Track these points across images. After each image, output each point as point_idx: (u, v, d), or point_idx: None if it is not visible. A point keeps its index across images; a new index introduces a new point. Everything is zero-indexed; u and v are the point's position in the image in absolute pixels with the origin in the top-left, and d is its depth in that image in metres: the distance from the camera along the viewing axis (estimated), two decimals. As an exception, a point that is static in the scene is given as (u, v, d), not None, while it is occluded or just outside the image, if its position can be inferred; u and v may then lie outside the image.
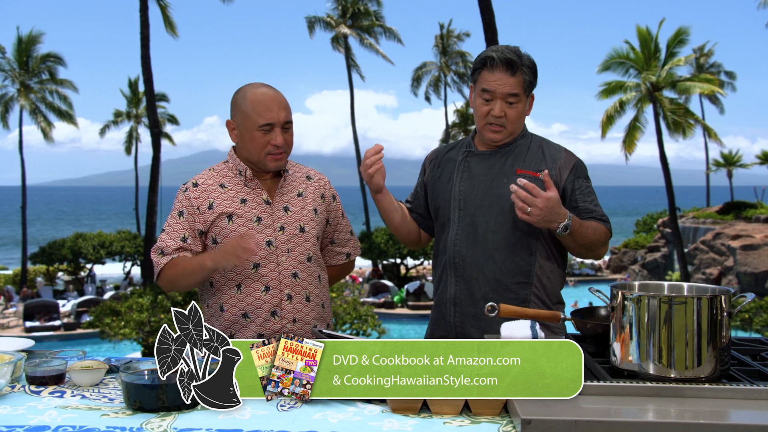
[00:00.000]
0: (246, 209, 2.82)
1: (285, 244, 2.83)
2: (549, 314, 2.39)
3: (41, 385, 2.19)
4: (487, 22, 15.55)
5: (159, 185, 22.67)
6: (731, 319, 1.95)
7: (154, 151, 22.72)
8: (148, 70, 22.60)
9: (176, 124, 48.02)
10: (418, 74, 47.44)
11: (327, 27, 41.03)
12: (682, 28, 28.71)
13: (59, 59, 36.90)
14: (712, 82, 30.62)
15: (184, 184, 2.91)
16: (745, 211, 39.14)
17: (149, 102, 23.24)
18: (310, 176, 3.01)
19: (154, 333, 16.70)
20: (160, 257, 2.81)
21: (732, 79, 53.28)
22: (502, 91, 2.83)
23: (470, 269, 2.91)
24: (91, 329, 21.49)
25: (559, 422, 1.69)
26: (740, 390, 1.84)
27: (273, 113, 2.75)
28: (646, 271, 37.71)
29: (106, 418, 1.89)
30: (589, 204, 2.88)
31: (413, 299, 30.03)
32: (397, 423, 1.85)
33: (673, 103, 28.21)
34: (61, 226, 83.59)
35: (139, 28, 22.66)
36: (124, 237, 35.49)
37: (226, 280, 2.83)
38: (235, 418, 1.88)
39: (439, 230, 3.06)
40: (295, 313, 2.84)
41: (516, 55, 2.84)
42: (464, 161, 3.02)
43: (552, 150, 2.96)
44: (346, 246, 3.16)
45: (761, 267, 33.69)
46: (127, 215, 70.55)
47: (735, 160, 56.17)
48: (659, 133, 27.94)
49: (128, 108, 47.10)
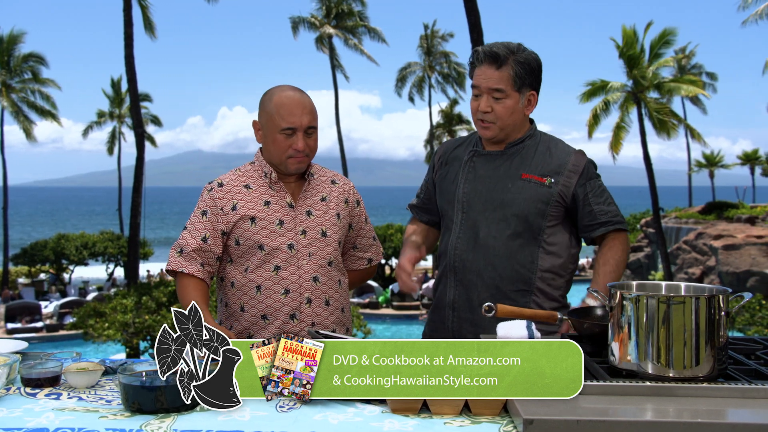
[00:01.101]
0: (269, 212, 2.84)
1: (306, 247, 2.84)
2: (546, 314, 2.40)
3: (36, 387, 2.16)
4: (473, 23, 15.60)
5: (143, 186, 22.54)
6: (728, 319, 1.96)
7: (138, 151, 22.59)
8: (132, 70, 22.45)
9: (159, 125, 47.84)
10: (402, 74, 47.48)
11: (311, 27, 40.98)
12: (667, 29, 28.86)
13: (41, 59, 36.63)
14: (696, 84, 30.85)
15: (209, 183, 2.94)
16: (727, 211, 39.46)
17: (133, 102, 23.09)
18: (335, 181, 3.02)
19: (139, 334, 16.61)
20: (178, 256, 2.83)
21: (713, 81, 53.70)
22: (487, 86, 2.79)
23: (470, 274, 2.88)
24: (75, 330, 21.36)
25: (560, 422, 1.69)
26: (739, 389, 1.86)
27: (296, 117, 2.75)
28: (629, 271, 37.93)
29: (105, 420, 1.88)
30: (603, 205, 2.84)
31: (398, 299, 30.03)
32: (398, 423, 1.85)
33: (658, 103, 28.38)
34: (43, 227, 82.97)
35: (123, 27, 22.52)
36: (107, 238, 35.30)
37: (247, 281, 2.85)
38: (235, 420, 1.87)
39: (444, 231, 3.04)
40: (314, 317, 2.85)
41: (506, 49, 2.78)
42: (470, 161, 2.96)
43: (560, 152, 2.88)
44: (368, 251, 3.17)
45: (743, 267, 33.94)
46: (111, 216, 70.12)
47: (717, 160, 56.61)
48: (643, 134, 28.10)
49: (111, 108, 46.84)
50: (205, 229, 2.84)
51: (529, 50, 2.83)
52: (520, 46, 2.83)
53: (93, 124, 47.12)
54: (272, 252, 2.82)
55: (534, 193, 2.83)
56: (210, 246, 2.83)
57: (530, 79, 2.82)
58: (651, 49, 28.98)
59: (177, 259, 2.83)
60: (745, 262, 33.95)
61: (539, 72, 2.86)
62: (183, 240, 2.85)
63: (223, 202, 2.85)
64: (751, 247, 34.20)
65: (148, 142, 43.95)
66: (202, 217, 2.86)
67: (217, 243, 2.84)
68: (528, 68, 2.80)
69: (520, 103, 2.83)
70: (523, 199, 2.82)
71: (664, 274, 28.64)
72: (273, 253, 2.82)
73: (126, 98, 45.25)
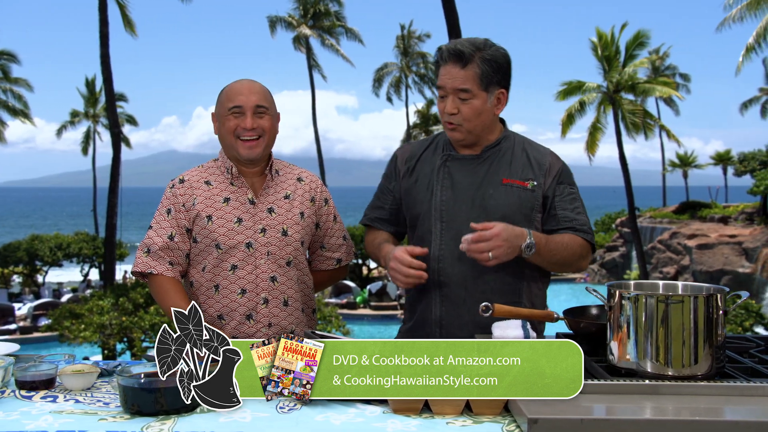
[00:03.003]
0: (227, 209, 2.77)
1: (265, 246, 2.77)
2: (543, 314, 2.40)
3: (31, 390, 2.13)
4: (452, 23, 15.63)
5: (119, 186, 22.35)
6: (726, 317, 1.98)
7: (114, 151, 22.39)
8: (108, 70, 22.26)
9: (135, 124, 47.47)
10: (379, 75, 47.56)
11: (288, 27, 40.90)
12: (641, 30, 29.17)
13: (13, 56, 36.18)
14: (670, 85, 31.20)
15: (171, 180, 2.88)
16: (700, 211, 39.92)
17: (109, 102, 22.91)
18: (302, 178, 2.94)
19: (116, 335, 16.47)
20: (146, 256, 2.77)
21: (686, 82, 54.24)
22: (452, 86, 2.61)
23: (456, 288, 2.69)
24: (50, 332, 21.13)
25: (565, 421, 1.70)
26: (738, 387, 1.87)
27: (243, 96, 2.74)
28: (604, 270, 38.23)
29: (105, 423, 1.86)
30: (570, 212, 2.68)
31: (375, 300, 30.07)
32: (400, 424, 1.85)
33: (633, 104, 28.64)
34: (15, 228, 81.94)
35: (99, 26, 22.31)
36: (82, 239, 34.95)
37: (205, 281, 2.79)
38: (236, 421, 1.86)
39: (418, 243, 2.76)
40: (271, 318, 2.78)
41: (472, 46, 2.59)
42: (444, 166, 2.77)
43: (537, 154, 2.75)
44: (337, 251, 3.06)
45: (716, 266, 34.34)
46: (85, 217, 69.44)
47: (690, 160, 57.21)
48: (619, 135, 28.35)
49: (86, 108, 46.40)
50: (171, 227, 2.78)
51: (496, 46, 2.66)
52: (486, 41, 2.64)
53: (67, 123, 46.69)
54: (229, 251, 2.74)
55: (517, 198, 2.68)
56: (177, 243, 2.77)
57: (498, 77, 2.64)
58: (626, 50, 29.26)
59: (144, 260, 2.77)
60: (719, 261, 34.35)
61: (508, 68, 2.68)
62: (149, 239, 2.78)
63: (184, 198, 2.79)
64: (724, 247, 34.63)
65: (122, 142, 43.68)
66: (167, 215, 2.80)
67: (184, 240, 2.78)
68: (495, 65, 2.62)
69: (488, 102, 2.65)
70: (507, 205, 2.67)
71: (640, 273, 28.91)
72: (230, 251, 2.74)
73: (101, 98, 44.85)
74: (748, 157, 44.65)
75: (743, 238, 34.32)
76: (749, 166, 43.48)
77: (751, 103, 51.72)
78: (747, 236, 34.33)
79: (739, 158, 46.35)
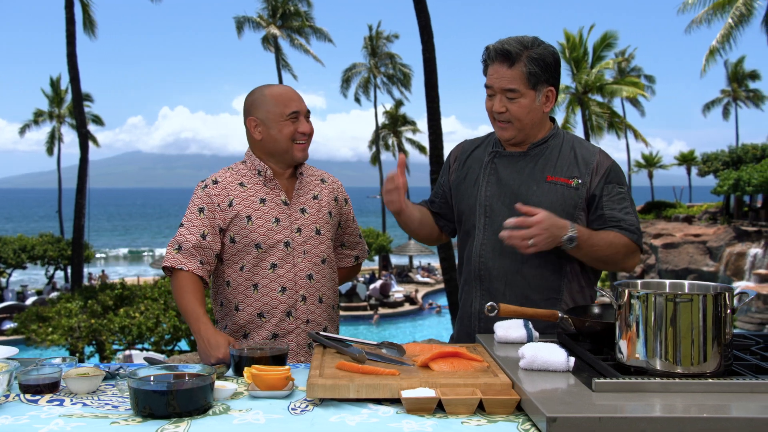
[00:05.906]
0: (265, 209, 2.85)
1: (301, 245, 2.86)
2: (547, 313, 2.42)
3: (36, 394, 2.10)
4: (423, 24, 15.63)
5: (87, 187, 22.06)
6: (733, 316, 2.01)
7: (81, 152, 22.12)
8: (75, 69, 21.97)
9: (101, 124, 46.91)
10: (347, 75, 47.52)
11: (257, 27, 40.69)
12: (608, 32, 29.48)
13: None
14: (637, 86, 31.56)
15: (203, 181, 2.92)
16: (665, 211, 40.48)
17: (76, 102, 22.60)
18: (325, 179, 3.06)
19: (85, 338, 16.26)
20: (176, 253, 2.78)
21: (651, 83, 54.99)
22: (500, 86, 2.64)
23: (496, 283, 2.73)
24: (15, 336, 20.76)
25: (583, 419, 1.70)
26: (747, 384, 1.90)
27: (297, 102, 2.87)
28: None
29: (117, 426, 1.83)
30: (617, 211, 2.66)
31: (345, 300, 30.00)
32: (416, 424, 1.84)
33: (601, 105, 28.95)
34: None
35: (65, 24, 22.03)
36: (47, 240, 34.42)
37: (243, 280, 2.85)
38: (250, 423, 1.85)
39: (464, 237, 2.87)
40: (309, 314, 2.87)
41: (519, 45, 2.61)
42: (491, 163, 2.81)
43: (585, 152, 2.74)
44: (355, 249, 3.23)
45: (681, 264, 34.84)
46: (50, 219, 68.38)
47: (655, 161, 58.01)
48: (587, 135, 28.64)
49: (50, 107, 45.73)
50: (203, 226, 2.81)
51: (545, 44, 2.67)
52: (535, 40, 2.66)
53: (30, 122, 45.99)
54: (269, 250, 2.82)
55: (561, 195, 2.69)
56: (209, 243, 2.80)
57: (546, 76, 2.65)
58: (594, 52, 29.56)
59: (175, 256, 2.78)
60: (684, 260, 34.86)
61: (557, 66, 2.70)
62: (181, 236, 2.80)
63: (219, 198, 2.84)
64: (689, 246, 35.16)
65: (90, 141, 43.16)
66: (199, 214, 2.83)
67: (215, 240, 2.82)
68: (543, 64, 2.63)
69: (536, 100, 2.67)
70: (549, 202, 2.66)
71: (609, 272, 29.21)
72: (269, 251, 2.82)
73: (66, 97, 44.26)
74: (711, 157, 45.41)
75: (707, 238, 34.90)
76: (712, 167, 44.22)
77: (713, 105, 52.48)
78: (711, 235, 34.91)
79: (703, 159, 47.11)
